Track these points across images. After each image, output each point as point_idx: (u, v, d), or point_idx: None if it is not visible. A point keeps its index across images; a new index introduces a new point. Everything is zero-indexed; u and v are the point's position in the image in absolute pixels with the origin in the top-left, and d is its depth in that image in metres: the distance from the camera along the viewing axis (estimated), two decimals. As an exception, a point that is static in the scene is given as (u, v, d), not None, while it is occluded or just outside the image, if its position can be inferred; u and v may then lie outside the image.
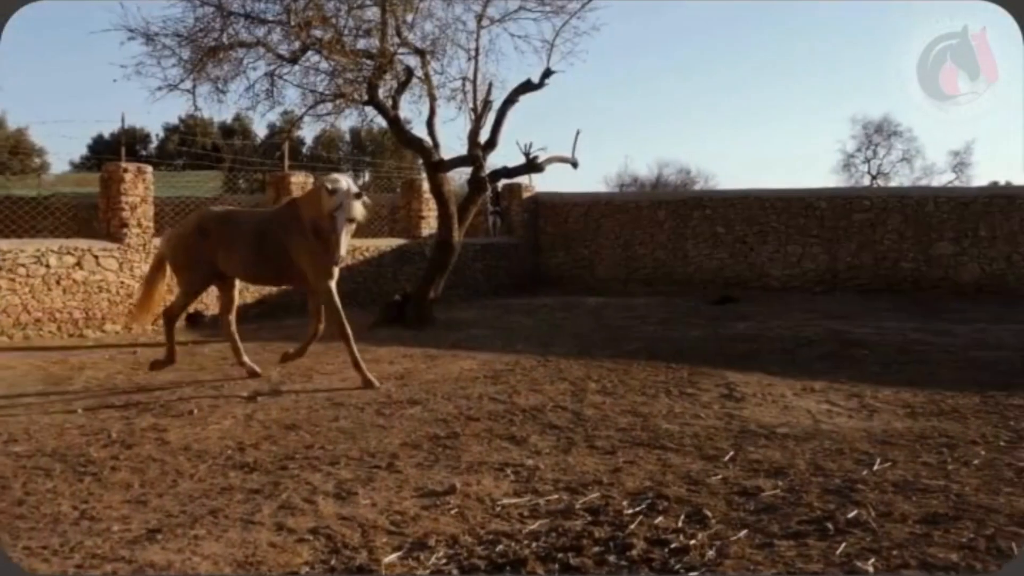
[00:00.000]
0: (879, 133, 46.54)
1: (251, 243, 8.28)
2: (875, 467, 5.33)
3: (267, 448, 5.93)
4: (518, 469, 5.35)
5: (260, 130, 40.02)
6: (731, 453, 5.68)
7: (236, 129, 41.19)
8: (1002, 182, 36.35)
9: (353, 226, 8.03)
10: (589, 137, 62.79)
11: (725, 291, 17.19)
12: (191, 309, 12.75)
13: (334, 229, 7.71)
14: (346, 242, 7.85)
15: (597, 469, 5.36)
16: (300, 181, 14.99)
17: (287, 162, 16.08)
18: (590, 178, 74.94)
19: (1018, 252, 16.82)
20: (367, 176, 30.45)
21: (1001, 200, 17.29)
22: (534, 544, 4.09)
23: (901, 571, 3.70)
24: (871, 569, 3.71)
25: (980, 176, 48.38)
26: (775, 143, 70.96)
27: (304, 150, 34.75)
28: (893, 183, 43.78)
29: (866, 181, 45.50)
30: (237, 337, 8.74)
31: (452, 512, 4.56)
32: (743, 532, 4.19)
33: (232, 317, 8.78)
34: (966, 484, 4.97)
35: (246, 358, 8.72)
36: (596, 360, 9.55)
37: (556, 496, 4.81)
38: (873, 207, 17.89)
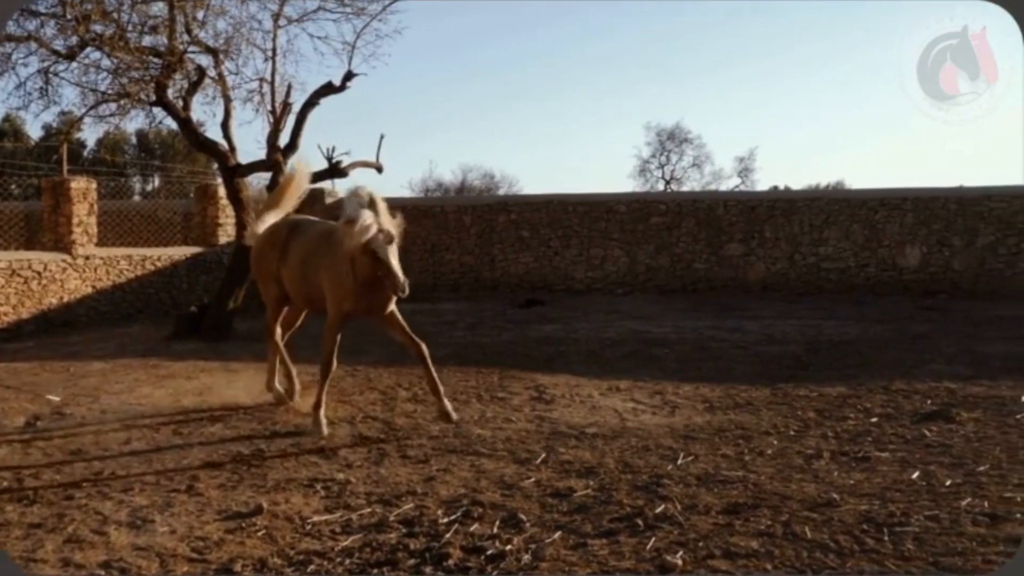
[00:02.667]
0: (672, 140, 48.89)
1: (302, 260, 6.98)
2: (679, 462, 5.51)
3: (49, 477, 5.43)
4: (328, 484, 5.16)
5: (34, 131, 37.07)
6: (543, 455, 5.72)
7: (6, 130, 38.00)
8: (782, 187, 39.12)
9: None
10: (393, 141, 62.08)
11: (531, 294, 17.48)
12: None
13: (380, 259, 6.23)
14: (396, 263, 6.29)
15: (410, 479, 5.25)
16: (81, 187, 13.96)
17: (65, 166, 14.95)
18: (394, 183, 74.72)
19: (799, 252, 18.08)
20: (156, 181, 28.92)
21: (783, 204, 18.55)
22: (347, 561, 3.94)
23: (707, 562, 3.82)
24: (680, 562, 3.81)
25: (763, 181, 51.86)
26: (575, 148, 73.12)
27: (86, 153, 32.55)
28: (685, 188, 46.14)
29: (661, 186, 47.70)
30: (285, 357, 7.65)
31: (259, 534, 4.33)
32: (557, 534, 4.21)
33: (287, 334, 7.82)
34: (762, 473, 5.23)
35: (276, 384, 7.60)
36: (406, 368, 9.41)
37: (369, 510, 4.67)
38: (669, 211, 18.73)
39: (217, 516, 4.63)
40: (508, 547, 4.04)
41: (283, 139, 12.65)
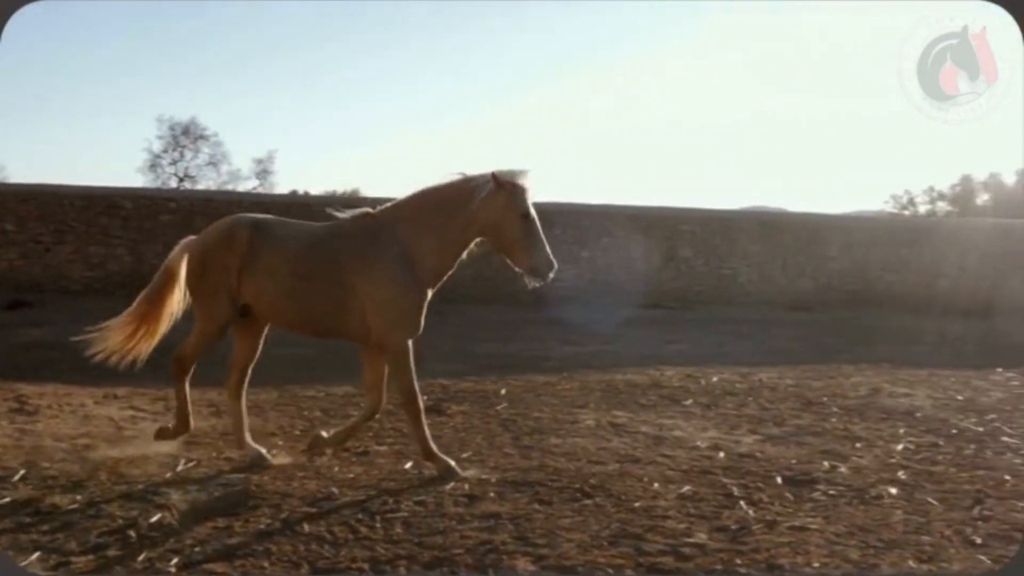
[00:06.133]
0: (186, 136, 47.08)
1: (298, 270, 5.48)
2: (179, 468, 5.30)
3: None
4: None
5: None
6: (23, 472, 5.13)
7: None
8: (301, 191, 39.65)
9: None
10: None
11: (17, 295, 15.60)
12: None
13: (530, 235, 5.42)
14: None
15: None
16: None
17: None
18: None
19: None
20: None
21: (298, 208, 18.75)
22: None
23: (203, 566, 3.73)
24: (173, 569, 3.69)
25: (282, 184, 52.11)
26: (78, 138, 66.95)
27: None
28: (201, 186, 44.69)
29: (173, 183, 45.67)
30: (244, 409, 5.91)
31: None
32: (35, 555, 3.81)
33: (245, 378, 6.00)
34: (265, 473, 5.23)
35: (248, 437, 5.76)
36: None
37: None
38: (180, 209, 17.93)
39: None
40: (-31, 578, 3.56)
41: None
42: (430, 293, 5.55)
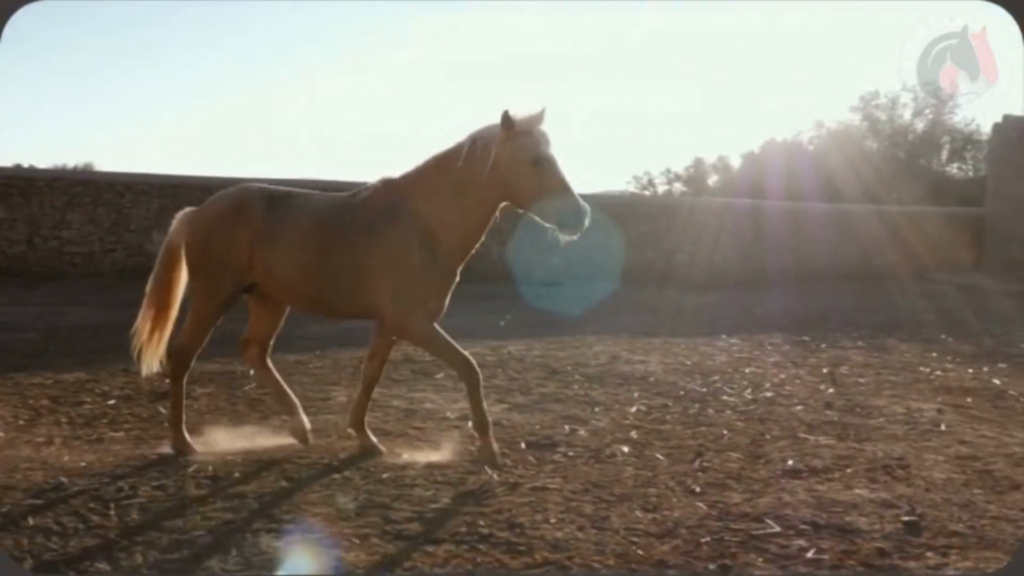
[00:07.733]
0: None
1: (315, 246, 5.06)
2: None
3: None
4: None
5: None
6: None
7: None
8: (26, 165, 36.27)
9: None
10: None
11: None
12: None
13: (546, 183, 4.81)
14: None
15: None
16: None
17: None
18: None
19: (39, 235, 17.01)
20: None
21: (21, 182, 17.21)
22: None
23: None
24: None
25: (4, 158, 47.57)
26: None
27: None
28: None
29: None
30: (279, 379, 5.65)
31: None
32: None
33: (267, 350, 5.66)
34: (-19, 468, 4.83)
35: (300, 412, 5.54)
36: None
37: None
38: None
39: None
40: None
41: None
42: (459, 270, 5.19)
